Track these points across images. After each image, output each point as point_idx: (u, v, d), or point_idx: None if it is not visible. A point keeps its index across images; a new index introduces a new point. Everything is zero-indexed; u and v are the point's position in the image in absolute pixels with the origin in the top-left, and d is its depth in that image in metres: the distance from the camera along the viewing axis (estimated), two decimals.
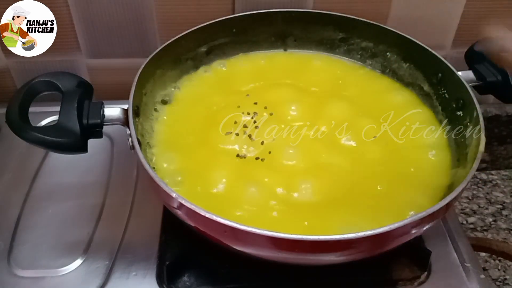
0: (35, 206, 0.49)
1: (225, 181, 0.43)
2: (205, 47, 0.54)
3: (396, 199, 0.42)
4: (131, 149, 0.39)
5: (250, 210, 0.40)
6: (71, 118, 0.37)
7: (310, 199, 0.42)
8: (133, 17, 0.59)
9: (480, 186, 0.71)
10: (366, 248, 0.35)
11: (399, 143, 0.47)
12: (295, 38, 0.57)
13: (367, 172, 0.44)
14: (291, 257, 0.36)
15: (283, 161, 0.45)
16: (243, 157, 0.45)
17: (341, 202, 0.41)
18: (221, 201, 0.41)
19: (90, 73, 0.64)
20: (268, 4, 0.57)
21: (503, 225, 0.65)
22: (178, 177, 0.43)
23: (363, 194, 0.42)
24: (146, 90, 0.47)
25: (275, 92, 0.52)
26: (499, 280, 0.59)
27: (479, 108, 0.43)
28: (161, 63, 0.49)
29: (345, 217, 0.40)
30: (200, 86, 0.53)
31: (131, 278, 0.43)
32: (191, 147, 0.46)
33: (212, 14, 0.53)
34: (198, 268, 0.44)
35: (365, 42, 0.55)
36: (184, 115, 0.49)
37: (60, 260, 0.44)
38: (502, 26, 0.28)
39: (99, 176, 0.52)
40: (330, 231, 0.38)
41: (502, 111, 0.69)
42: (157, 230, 0.47)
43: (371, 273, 0.44)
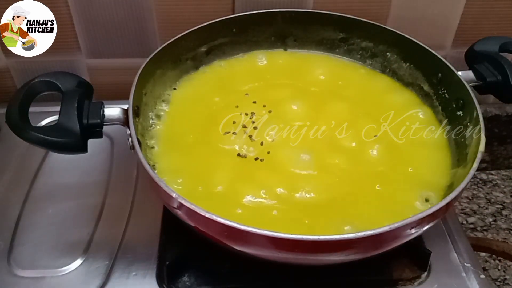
0: (35, 206, 0.49)
1: (225, 180, 0.43)
2: (205, 47, 0.54)
3: (396, 199, 0.42)
4: (131, 149, 0.39)
5: (251, 209, 0.40)
6: (71, 118, 0.37)
7: (310, 199, 0.42)
8: (133, 17, 0.59)
9: (480, 186, 0.71)
10: (366, 248, 0.35)
11: (399, 143, 0.47)
12: (295, 38, 0.57)
13: (367, 172, 0.44)
14: (291, 257, 0.36)
15: (283, 161, 0.45)
16: (243, 157, 0.45)
17: (340, 201, 0.41)
18: (221, 200, 0.41)
19: (90, 73, 0.64)
20: (268, 4, 0.57)
21: (503, 225, 0.65)
22: (178, 176, 0.43)
23: (363, 194, 0.42)
24: (146, 90, 0.47)
25: (275, 92, 0.52)
26: (499, 280, 0.59)
27: (479, 108, 0.43)
28: (161, 63, 0.49)
29: (344, 216, 0.40)
30: (200, 86, 0.53)
31: (131, 278, 0.43)
32: (191, 147, 0.46)
33: (212, 14, 0.53)
34: (198, 268, 0.44)
35: (365, 42, 0.55)
36: (184, 115, 0.49)
37: (60, 260, 0.44)
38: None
39: (99, 176, 0.52)
40: (330, 231, 0.38)
41: (502, 111, 0.69)
42: (157, 230, 0.46)
43: (371, 273, 0.44)
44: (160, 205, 0.48)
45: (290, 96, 0.51)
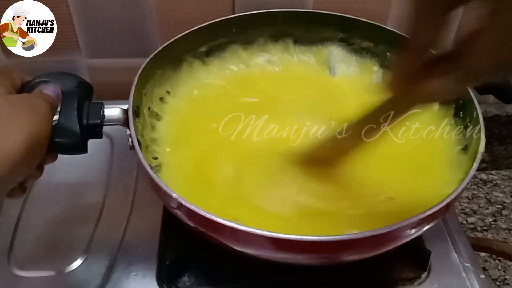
0: (35, 206, 0.49)
1: (226, 180, 0.43)
2: (205, 47, 0.54)
3: (395, 199, 0.42)
4: (131, 149, 0.39)
5: (251, 208, 0.41)
6: (71, 118, 0.37)
7: (311, 199, 0.42)
8: (133, 17, 0.59)
9: (480, 186, 0.71)
10: (366, 248, 0.35)
11: (399, 143, 0.46)
12: (295, 38, 0.57)
13: (367, 172, 0.44)
14: (291, 257, 0.36)
15: (283, 161, 0.45)
16: (243, 156, 0.45)
17: (340, 201, 0.41)
18: (222, 200, 0.41)
19: (90, 73, 0.64)
20: (268, 4, 0.57)
21: (503, 225, 0.65)
22: (178, 176, 0.43)
23: (363, 193, 0.42)
24: (146, 90, 0.47)
25: (275, 91, 0.52)
26: (499, 280, 0.59)
27: (479, 108, 0.43)
28: (161, 63, 0.49)
29: (344, 216, 0.40)
30: (200, 86, 0.53)
31: (131, 278, 0.43)
32: (191, 146, 0.46)
33: (212, 14, 0.53)
34: (198, 268, 0.44)
35: (365, 42, 0.55)
36: (184, 115, 0.49)
37: (60, 260, 0.44)
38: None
39: (99, 176, 0.52)
40: (330, 230, 0.38)
41: (502, 111, 0.69)
42: (157, 230, 0.47)
43: (371, 273, 0.44)
44: (160, 205, 0.48)
45: (290, 96, 0.51)
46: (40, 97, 0.36)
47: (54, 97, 0.37)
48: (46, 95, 0.37)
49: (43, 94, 0.37)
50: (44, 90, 0.37)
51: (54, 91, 0.37)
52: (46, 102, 0.35)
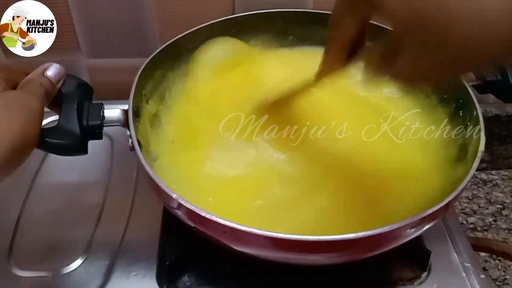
0: (35, 206, 0.49)
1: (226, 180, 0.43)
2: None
3: (395, 199, 0.42)
4: (131, 150, 0.39)
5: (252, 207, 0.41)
6: (71, 119, 0.37)
7: (310, 198, 0.42)
8: (133, 17, 0.59)
9: (480, 186, 0.71)
10: (366, 248, 0.35)
11: (399, 143, 0.47)
12: (295, 38, 0.57)
13: (367, 172, 0.44)
14: (291, 257, 0.36)
15: (283, 161, 0.45)
16: (243, 156, 0.45)
17: (340, 201, 0.41)
18: (222, 199, 0.41)
19: (90, 73, 0.64)
20: (268, 4, 0.57)
21: (503, 225, 0.65)
22: (178, 176, 0.43)
23: (363, 193, 0.42)
24: (146, 91, 0.47)
25: (274, 91, 0.52)
26: (499, 280, 0.59)
27: (479, 108, 0.43)
28: (161, 63, 0.49)
29: (344, 216, 0.40)
30: (200, 86, 0.53)
31: (131, 278, 0.43)
32: (191, 146, 0.46)
33: (212, 14, 0.53)
34: (198, 268, 0.44)
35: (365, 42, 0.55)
36: (184, 115, 0.49)
37: (60, 260, 0.44)
38: None
39: (99, 176, 0.52)
40: (330, 230, 0.38)
41: (502, 111, 0.69)
42: (157, 230, 0.47)
43: (371, 273, 0.44)
44: (160, 205, 0.48)
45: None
46: (34, 90, 0.35)
47: (54, 80, 0.37)
48: (45, 78, 0.36)
49: (42, 77, 0.36)
50: (47, 71, 0.37)
51: (57, 72, 0.37)
52: (40, 96, 0.34)
